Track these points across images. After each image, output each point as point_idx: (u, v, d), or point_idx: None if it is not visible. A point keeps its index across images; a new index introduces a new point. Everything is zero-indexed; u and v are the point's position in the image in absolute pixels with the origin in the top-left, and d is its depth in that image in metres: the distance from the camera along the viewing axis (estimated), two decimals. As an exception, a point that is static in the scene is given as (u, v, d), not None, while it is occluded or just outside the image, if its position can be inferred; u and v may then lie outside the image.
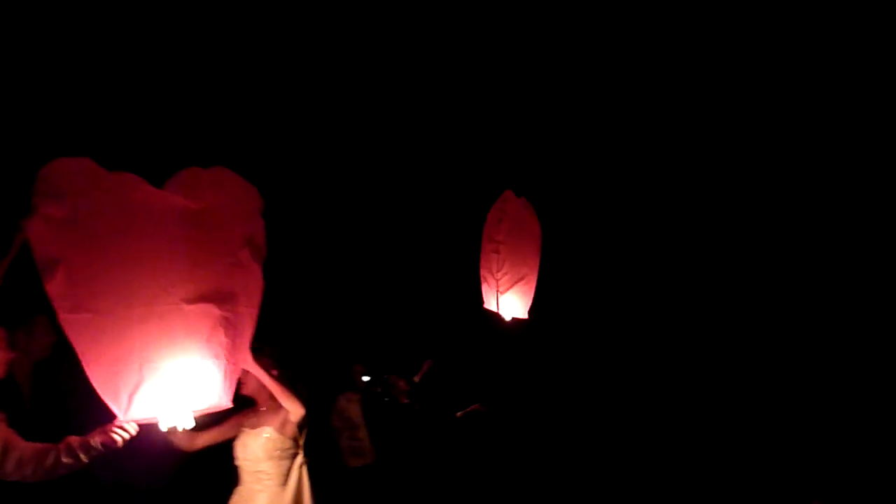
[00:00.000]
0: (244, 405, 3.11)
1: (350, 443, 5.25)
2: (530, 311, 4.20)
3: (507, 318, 4.15)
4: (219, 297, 2.26)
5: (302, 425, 3.13)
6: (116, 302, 2.13)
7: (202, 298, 2.23)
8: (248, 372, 2.92)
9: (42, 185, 2.09)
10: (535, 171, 4.85)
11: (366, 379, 6.05)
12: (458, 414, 5.23)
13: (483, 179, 4.70)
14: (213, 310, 2.24)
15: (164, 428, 2.17)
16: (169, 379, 2.13)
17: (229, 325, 2.26)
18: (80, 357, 2.11)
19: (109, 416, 2.19)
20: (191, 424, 2.17)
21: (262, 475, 3.03)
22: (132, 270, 2.18)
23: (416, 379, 5.47)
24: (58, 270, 2.13)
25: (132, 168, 2.26)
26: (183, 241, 2.25)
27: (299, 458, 3.12)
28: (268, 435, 3.03)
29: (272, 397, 3.05)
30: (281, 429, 3.06)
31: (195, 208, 2.27)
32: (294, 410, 3.07)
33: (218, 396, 2.24)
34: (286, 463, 3.05)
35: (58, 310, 2.12)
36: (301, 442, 3.13)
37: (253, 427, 3.07)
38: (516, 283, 4.20)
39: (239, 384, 2.72)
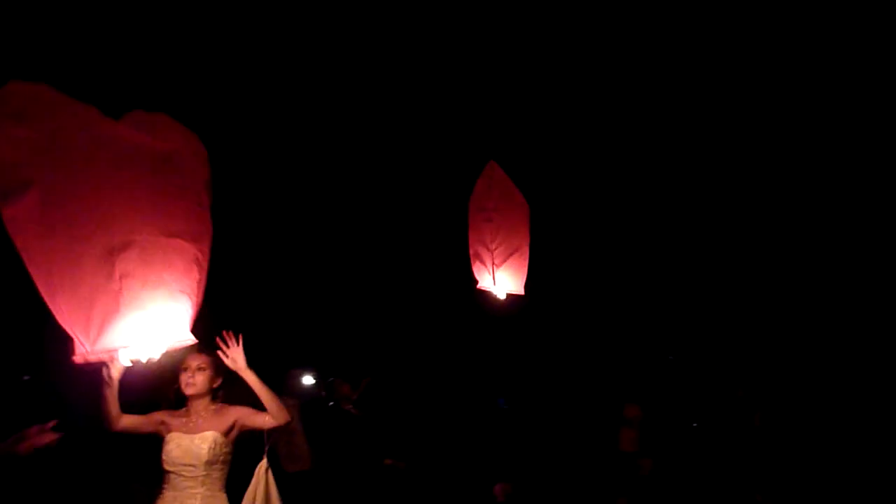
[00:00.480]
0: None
1: (287, 448, 5.04)
2: (526, 287, 3.94)
3: (503, 294, 3.91)
4: (191, 236, 2.21)
5: (271, 432, 3.05)
6: (95, 229, 2.01)
7: (179, 234, 2.18)
8: (202, 369, 2.93)
9: (2, 107, 1.94)
10: (512, 146, 4.50)
11: (309, 382, 5.91)
12: (387, 461, 5.10)
13: (461, 160, 4.34)
14: (188, 247, 2.19)
15: (126, 362, 2.10)
16: (143, 310, 2.04)
17: (199, 264, 2.21)
18: (46, 285, 1.96)
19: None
20: (156, 357, 2.12)
21: (199, 480, 2.89)
22: (111, 198, 2.06)
23: (354, 396, 5.18)
24: (28, 193, 1.96)
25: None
26: (155, 177, 2.17)
27: (264, 463, 3.08)
28: (213, 439, 2.90)
29: (210, 402, 2.99)
30: (227, 433, 2.95)
31: (161, 148, 2.21)
32: (280, 417, 2.98)
33: (184, 333, 2.17)
34: (226, 468, 2.95)
35: (22, 234, 1.95)
36: (266, 448, 3.09)
37: (191, 431, 2.93)
38: (511, 255, 3.92)
39: (185, 384, 2.90)
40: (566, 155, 5.27)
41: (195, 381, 2.95)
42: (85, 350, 2.00)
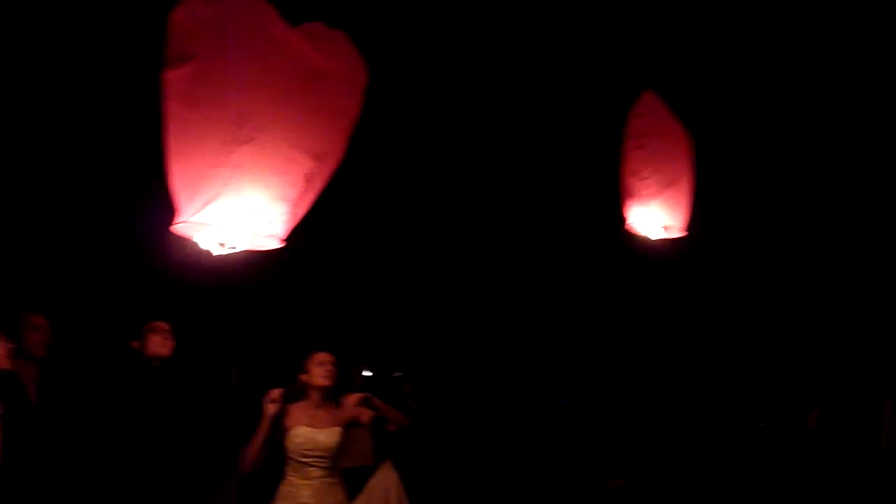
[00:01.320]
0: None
1: (351, 444, 5.14)
2: (688, 230, 3.64)
3: (655, 234, 3.66)
4: (315, 153, 2.32)
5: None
6: (228, 116, 2.18)
7: (302, 147, 2.29)
8: (335, 365, 3.34)
9: None
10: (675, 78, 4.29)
11: (367, 374, 5.94)
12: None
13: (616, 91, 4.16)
14: (306, 162, 2.30)
15: (208, 245, 2.28)
16: (243, 202, 2.22)
17: (311, 182, 2.33)
18: (171, 150, 2.20)
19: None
20: (240, 248, 2.29)
21: (323, 467, 3.25)
22: (253, 93, 2.22)
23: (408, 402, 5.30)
24: (188, 65, 2.19)
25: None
26: (303, 86, 2.31)
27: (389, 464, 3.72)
28: (339, 433, 3.28)
29: (331, 397, 3.33)
30: (347, 426, 3.36)
31: (321, 64, 2.34)
32: (403, 422, 3.61)
33: (275, 237, 2.33)
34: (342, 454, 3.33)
35: (172, 98, 2.19)
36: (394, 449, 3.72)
37: (317, 424, 3.27)
38: (667, 186, 3.64)
39: (323, 377, 3.28)
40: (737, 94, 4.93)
41: (332, 373, 3.33)
42: (184, 219, 2.23)
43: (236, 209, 2.25)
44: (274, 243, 2.39)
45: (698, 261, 4.94)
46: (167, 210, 2.31)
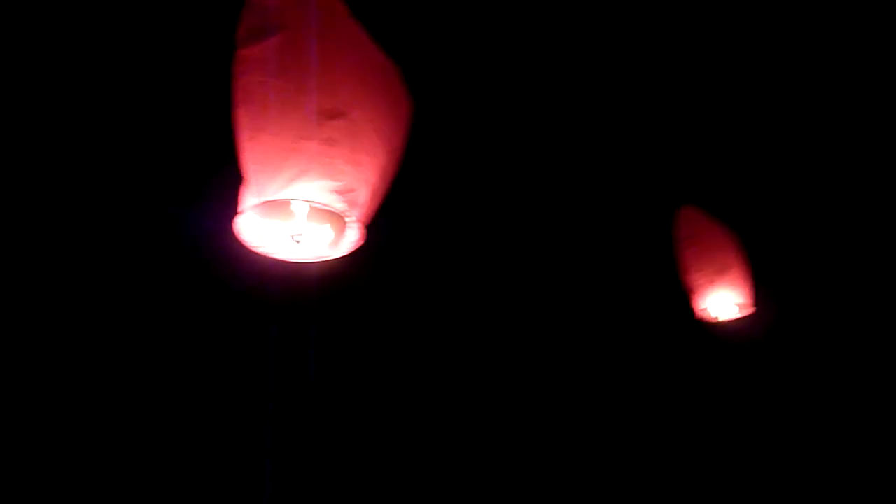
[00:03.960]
0: None
1: None
2: (755, 304, 3.90)
3: (727, 315, 3.94)
4: (390, 146, 2.23)
5: None
6: (319, 87, 2.07)
7: (383, 138, 2.20)
8: None
9: None
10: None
11: None
12: None
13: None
14: (385, 152, 2.20)
15: (301, 219, 2.15)
16: (332, 177, 2.05)
17: (385, 175, 2.22)
18: (252, 124, 2.04)
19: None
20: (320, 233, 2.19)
21: None
22: (341, 69, 2.13)
23: None
24: (274, 37, 2.08)
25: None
26: (381, 78, 2.27)
27: None
28: None
29: None
30: None
31: (386, 61, 2.31)
32: None
33: (358, 225, 2.18)
34: None
35: (248, 73, 2.07)
36: None
37: None
38: (722, 273, 3.79)
39: None
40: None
41: None
42: (266, 198, 2.04)
43: (325, 186, 2.04)
44: (356, 232, 2.21)
45: (775, 334, 4.72)
46: (230, 203, 2.14)
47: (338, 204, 2.08)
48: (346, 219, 2.17)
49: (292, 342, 3.64)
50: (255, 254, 2.29)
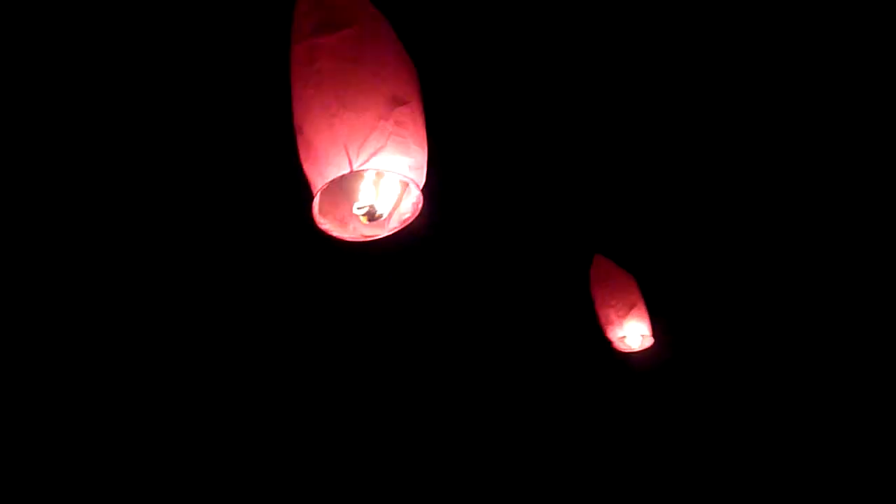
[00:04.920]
0: None
1: None
2: (654, 334, 4.57)
3: (636, 345, 4.57)
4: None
5: None
6: (391, 75, 2.32)
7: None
8: None
9: None
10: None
11: None
12: None
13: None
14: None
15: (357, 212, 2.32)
16: (407, 156, 2.27)
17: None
18: (330, 106, 2.22)
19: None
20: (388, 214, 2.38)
21: None
22: (402, 61, 2.41)
23: None
24: (348, 29, 2.32)
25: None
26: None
27: None
28: None
29: None
30: None
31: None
32: None
33: (414, 205, 2.39)
34: None
35: (321, 60, 2.27)
36: None
37: None
38: (631, 308, 4.32)
39: None
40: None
41: None
42: (350, 166, 2.21)
43: (401, 161, 2.25)
44: (411, 211, 2.41)
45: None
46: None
47: (412, 174, 2.28)
48: (415, 191, 2.35)
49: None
50: (328, 235, 2.39)
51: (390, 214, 2.44)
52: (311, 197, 2.30)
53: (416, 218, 2.41)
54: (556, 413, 5.97)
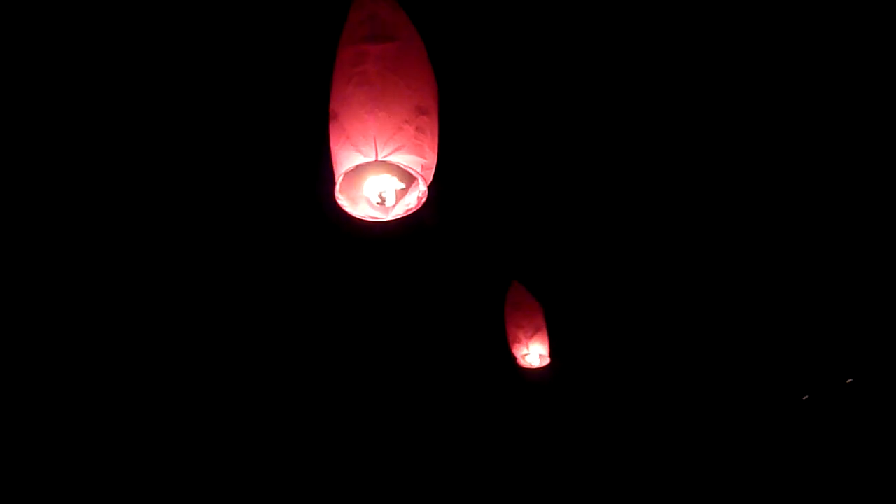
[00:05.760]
0: None
1: None
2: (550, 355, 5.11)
3: (537, 363, 5.07)
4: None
5: None
6: (420, 87, 2.74)
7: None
8: None
9: None
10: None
11: None
12: None
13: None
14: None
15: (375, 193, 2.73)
16: (422, 157, 2.67)
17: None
18: (372, 100, 2.62)
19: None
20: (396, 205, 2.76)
21: None
22: (427, 74, 2.85)
23: None
24: (394, 42, 2.75)
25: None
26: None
27: None
28: None
29: None
30: None
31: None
32: None
33: (419, 201, 2.78)
34: None
35: (365, 63, 2.68)
36: None
37: None
38: (536, 331, 4.88)
39: None
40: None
41: None
42: (376, 156, 2.58)
43: (414, 160, 2.66)
44: (423, 197, 2.79)
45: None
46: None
47: (422, 172, 2.70)
48: (422, 187, 2.77)
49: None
50: (350, 216, 2.77)
51: (396, 203, 2.85)
52: (332, 176, 2.70)
53: (419, 210, 2.84)
54: (459, 414, 6.57)
